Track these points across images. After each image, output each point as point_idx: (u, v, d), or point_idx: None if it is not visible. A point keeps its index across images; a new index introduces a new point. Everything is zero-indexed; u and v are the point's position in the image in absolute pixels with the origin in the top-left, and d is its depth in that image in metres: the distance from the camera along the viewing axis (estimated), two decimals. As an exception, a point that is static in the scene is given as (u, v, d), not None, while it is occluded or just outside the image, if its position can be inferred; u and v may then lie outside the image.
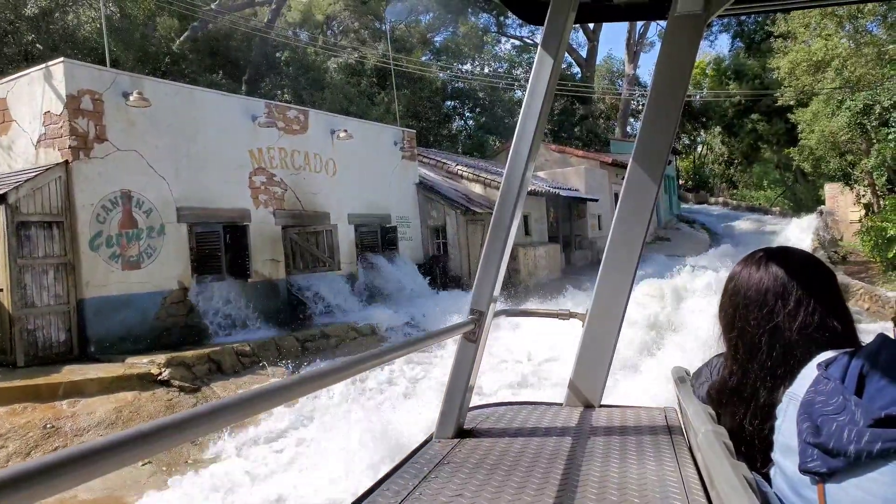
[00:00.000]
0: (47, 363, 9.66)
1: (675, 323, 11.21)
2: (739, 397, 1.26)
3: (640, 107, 41.75)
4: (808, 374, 1.09)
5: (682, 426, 1.94)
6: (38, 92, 10.53)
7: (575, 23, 2.15)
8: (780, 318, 1.21)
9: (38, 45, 17.02)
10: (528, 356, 10.41)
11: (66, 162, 10.28)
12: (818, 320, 1.20)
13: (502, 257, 2.01)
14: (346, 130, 15.44)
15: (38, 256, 9.94)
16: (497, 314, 2.23)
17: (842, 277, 16.40)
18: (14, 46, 16.60)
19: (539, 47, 2.03)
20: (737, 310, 1.29)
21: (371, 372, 9.37)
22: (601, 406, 2.29)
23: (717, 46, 40.89)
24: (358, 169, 15.88)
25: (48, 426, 7.84)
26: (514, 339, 10.93)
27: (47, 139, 10.49)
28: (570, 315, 2.45)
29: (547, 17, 1.99)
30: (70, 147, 10.27)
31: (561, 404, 2.35)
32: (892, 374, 0.92)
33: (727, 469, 1.01)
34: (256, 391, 0.89)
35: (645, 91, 39.54)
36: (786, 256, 1.30)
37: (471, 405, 2.16)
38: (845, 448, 0.91)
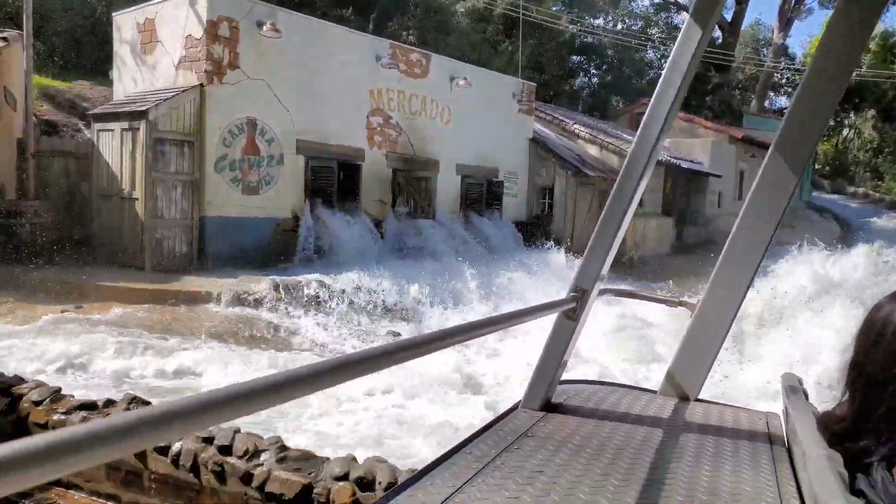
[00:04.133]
0: (169, 271, 10.51)
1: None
2: (843, 447, 1.12)
3: (784, 80, 38.56)
4: None
5: (786, 438, 1.83)
6: (183, 16, 11.10)
7: None
8: None
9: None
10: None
11: (201, 85, 10.86)
12: None
13: (617, 233, 1.91)
14: (465, 78, 15.30)
15: (170, 172, 10.69)
16: (601, 293, 2.13)
17: None
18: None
19: (689, 16, 1.86)
20: (865, 346, 1.15)
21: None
22: (697, 400, 2.19)
23: (886, 19, 36.49)
24: (472, 118, 15.75)
25: (166, 327, 8.56)
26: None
27: (186, 62, 11.10)
28: (680, 303, 2.33)
29: None
30: (206, 71, 10.83)
31: (655, 392, 2.27)
32: None
33: (840, 502, 0.92)
34: (355, 355, 0.88)
35: (792, 64, 36.38)
36: None
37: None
38: None
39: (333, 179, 12.95)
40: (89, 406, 4.41)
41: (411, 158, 14.53)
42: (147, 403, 4.27)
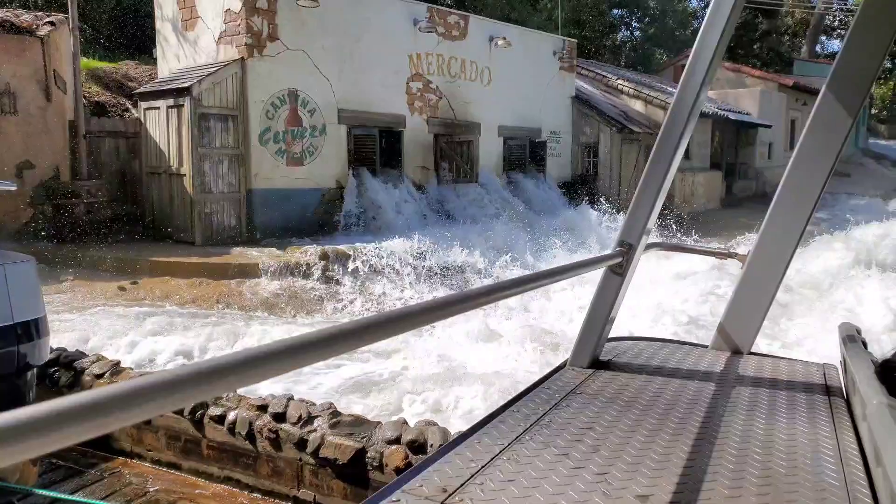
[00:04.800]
0: (220, 244, 10.76)
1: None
2: None
3: (836, 23, 36.50)
4: None
5: (844, 389, 1.79)
6: (221, -11, 11.14)
7: None
8: None
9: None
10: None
11: (242, 59, 10.93)
12: None
13: (661, 187, 1.87)
14: (504, 38, 14.98)
15: (216, 147, 10.87)
16: (648, 247, 2.10)
17: None
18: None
19: None
20: None
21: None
22: (751, 353, 2.16)
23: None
24: (513, 79, 15.46)
25: (219, 300, 8.81)
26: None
27: (226, 36, 11.17)
28: (729, 255, 2.29)
29: None
30: (246, 44, 10.88)
31: (706, 346, 2.25)
32: None
33: None
34: (391, 314, 0.88)
35: (844, 5, 34.35)
36: None
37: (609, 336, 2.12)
38: None
39: (376, 147, 12.96)
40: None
41: (452, 122, 14.40)
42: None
